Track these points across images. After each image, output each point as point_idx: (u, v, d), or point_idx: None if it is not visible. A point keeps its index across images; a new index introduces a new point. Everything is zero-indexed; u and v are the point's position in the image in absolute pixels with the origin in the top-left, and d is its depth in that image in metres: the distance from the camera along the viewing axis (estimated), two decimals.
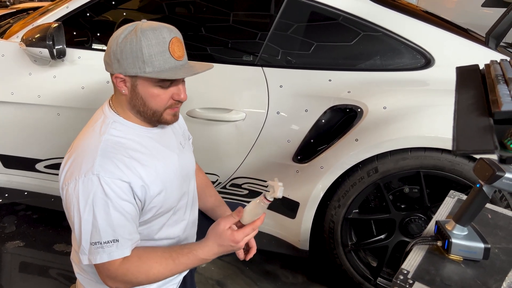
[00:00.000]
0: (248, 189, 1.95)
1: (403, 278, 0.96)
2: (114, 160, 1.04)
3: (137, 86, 1.08)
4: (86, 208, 1.01)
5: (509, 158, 0.57)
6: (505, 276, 0.98)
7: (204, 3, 2.08)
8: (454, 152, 0.61)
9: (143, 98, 1.09)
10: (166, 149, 1.18)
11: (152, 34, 1.03)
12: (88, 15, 1.97)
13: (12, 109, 1.95)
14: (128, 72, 1.05)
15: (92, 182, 1.01)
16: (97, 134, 1.09)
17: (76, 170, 1.03)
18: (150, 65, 1.03)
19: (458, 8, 4.75)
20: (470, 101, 0.72)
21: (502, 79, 0.78)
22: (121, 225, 1.03)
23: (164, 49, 1.04)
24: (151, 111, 1.11)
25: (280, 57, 1.83)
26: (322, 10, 1.80)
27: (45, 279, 1.93)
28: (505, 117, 0.62)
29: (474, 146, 0.59)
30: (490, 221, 1.23)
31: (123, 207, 1.03)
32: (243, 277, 1.99)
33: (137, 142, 1.12)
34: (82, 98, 1.88)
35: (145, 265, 1.07)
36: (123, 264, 1.05)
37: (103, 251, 1.02)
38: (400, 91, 1.70)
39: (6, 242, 2.14)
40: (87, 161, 1.03)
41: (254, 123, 1.79)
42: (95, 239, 1.02)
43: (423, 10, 2.24)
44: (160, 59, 1.04)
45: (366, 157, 1.65)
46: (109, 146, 1.06)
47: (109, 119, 1.12)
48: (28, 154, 2.06)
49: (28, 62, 1.91)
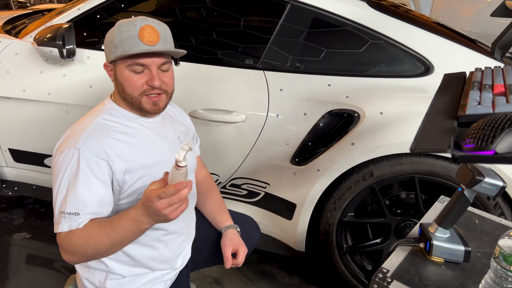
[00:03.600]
0: (247, 189, 1.99)
1: (382, 276, 0.99)
2: (99, 138, 1.11)
3: (116, 72, 1.18)
4: (63, 178, 1.07)
5: (461, 157, 0.60)
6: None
7: (213, 7, 2.14)
8: (411, 150, 0.65)
9: (121, 83, 1.17)
10: (158, 138, 1.24)
11: (125, 23, 1.14)
12: (98, 17, 2.04)
13: (23, 105, 2.03)
14: (108, 59, 1.18)
15: (72, 154, 1.08)
16: (92, 117, 1.18)
17: (63, 145, 1.12)
18: (121, 49, 1.13)
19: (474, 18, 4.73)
20: (443, 106, 0.75)
21: (478, 85, 0.81)
22: (86, 201, 1.07)
23: (134, 34, 1.12)
24: (129, 96, 1.18)
25: (281, 61, 1.88)
26: (324, 16, 1.85)
27: (49, 270, 1.99)
28: (468, 120, 0.65)
29: (429, 145, 0.62)
30: (477, 226, 1.25)
31: (93, 184, 1.08)
32: (240, 276, 2.02)
33: (128, 127, 1.19)
34: (90, 96, 1.95)
35: (85, 233, 1.06)
36: (67, 235, 1.07)
37: (64, 221, 1.06)
38: (398, 97, 1.72)
39: (14, 233, 2.22)
40: (75, 137, 1.11)
41: (254, 125, 1.84)
42: (62, 209, 1.07)
43: (434, 21, 2.26)
44: (129, 43, 1.12)
45: (361, 161, 1.67)
46: (98, 127, 1.15)
47: (106, 106, 1.22)
48: (37, 149, 2.14)
49: (39, 61, 1.99)
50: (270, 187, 1.94)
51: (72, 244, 1.07)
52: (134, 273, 1.25)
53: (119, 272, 1.23)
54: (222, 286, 1.96)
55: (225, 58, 1.99)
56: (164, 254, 1.28)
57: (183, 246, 1.37)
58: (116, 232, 1.04)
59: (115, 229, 1.04)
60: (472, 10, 4.84)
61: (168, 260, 1.31)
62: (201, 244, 1.45)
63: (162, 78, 1.18)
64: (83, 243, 1.06)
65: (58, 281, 1.92)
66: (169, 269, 1.32)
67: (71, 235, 1.07)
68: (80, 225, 1.07)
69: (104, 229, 1.05)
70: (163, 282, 1.30)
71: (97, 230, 1.06)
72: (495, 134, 0.56)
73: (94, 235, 1.05)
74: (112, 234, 1.04)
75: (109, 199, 1.13)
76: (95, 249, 1.07)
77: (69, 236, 1.07)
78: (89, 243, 1.06)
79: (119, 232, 1.04)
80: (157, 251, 1.26)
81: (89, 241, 1.05)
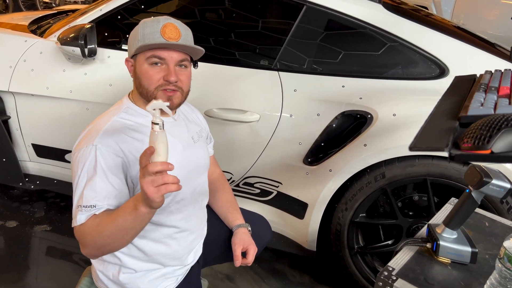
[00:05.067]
0: (260, 188, 2.02)
1: (387, 274, 1.00)
2: (115, 136, 1.15)
3: (136, 66, 1.22)
4: (81, 174, 1.12)
5: (458, 155, 0.61)
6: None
7: (232, 9, 2.18)
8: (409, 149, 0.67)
9: (139, 77, 1.21)
10: (172, 137, 1.26)
11: (150, 20, 1.19)
12: (119, 17, 2.11)
13: (46, 102, 2.11)
14: (130, 53, 1.22)
15: (90, 151, 1.12)
16: (110, 115, 1.22)
17: (82, 142, 1.16)
18: (142, 42, 1.17)
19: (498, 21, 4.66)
20: (448, 107, 0.76)
21: (484, 87, 0.82)
22: (103, 194, 1.11)
23: (156, 30, 1.17)
24: (145, 90, 1.21)
25: (296, 62, 1.90)
26: (339, 18, 1.86)
27: (66, 262, 2.06)
28: (470, 121, 0.66)
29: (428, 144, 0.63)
30: (487, 229, 1.25)
31: (109, 178, 1.12)
32: (251, 273, 2.05)
33: (144, 126, 1.22)
34: (110, 94, 2.01)
35: (95, 222, 1.09)
36: (81, 226, 1.11)
37: (81, 214, 1.10)
38: (411, 100, 1.73)
39: (35, 225, 2.30)
40: (92, 135, 1.15)
41: (267, 125, 1.87)
42: (80, 202, 1.11)
43: (453, 25, 2.25)
44: (150, 38, 1.17)
45: (373, 162, 1.68)
46: (115, 125, 1.18)
47: (124, 105, 1.26)
48: (59, 144, 2.21)
49: (62, 60, 2.06)
50: (283, 186, 1.96)
51: (85, 233, 1.10)
52: (146, 268, 1.29)
53: (131, 266, 1.27)
54: (233, 283, 1.99)
55: (241, 59, 2.02)
56: (176, 251, 1.31)
57: (195, 243, 1.40)
58: (120, 216, 1.05)
59: (119, 213, 1.06)
60: (496, 13, 4.77)
61: (179, 257, 1.34)
62: (213, 241, 1.48)
63: (179, 75, 1.21)
64: (94, 232, 1.08)
65: (75, 272, 1.99)
66: (180, 265, 1.35)
67: (84, 226, 1.10)
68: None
69: (111, 215, 1.07)
70: (174, 277, 1.33)
71: (106, 217, 1.08)
72: (492, 133, 0.57)
73: (102, 223, 1.07)
74: (117, 219, 1.05)
75: (125, 194, 1.16)
76: (102, 237, 1.08)
77: (82, 227, 1.10)
78: (98, 231, 1.07)
79: (122, 216, 1.05)
80: (169, 248, 1.30)
81: (98, 229, 1.07)
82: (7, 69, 2.11)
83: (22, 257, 2.07)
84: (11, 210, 2.41)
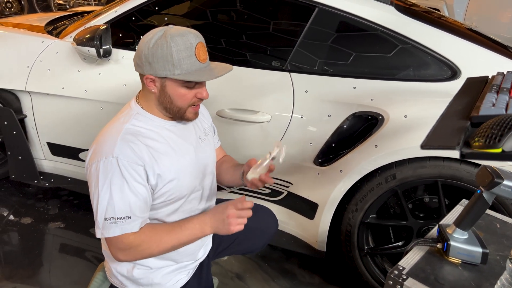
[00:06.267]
0: (271, 188, 2.03)
1: (398, 273, 1.01)
2: (132, 145, 1.16)
3: (165, 86, 1.20)
4: (104, 186, 1.13)
5: (468, 154, 0.62)
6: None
7: (243, 11, 2.20)
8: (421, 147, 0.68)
9: (171, 97, 1.21)
10: (183, 141, 1.30)
11: (181, 40, 1.15)
12: (133, 19, 2.14)
13: (61, 102, 2.16)
14: (159, 73, 1.17)
15: (111, 163, 1.13)
16: (121, 123, 1.22)
17: (99, 152, 1.17)
18: (179, 68, 1.16)
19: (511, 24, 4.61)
20: (460, 107, 0.77)
21: (496, 88, 0.83)
22: (133, 203, 1.15)
23: (191, 53, 1.17)
24: (176, 108, 1.23)
25: (307, 64, 1.92)
26: (351, 20, 1.87)
27: (79, 259, 2.10)
28: (481, 121, 0.67)
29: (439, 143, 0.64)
30: (498, 230, 1.25)
31: (137, 188, 1.15)
32: (261, 273, 2.07)
33: (155, 132, 1.24)
34: (123, 94, 2.05)
35: (157, 235, 1.18)
36: (138, 236, 1.16)
37: (115, 226, 1.14)
38: (423, 101, 1.73)
39: (49, 222, 2.35)
40: (109, 145, 1.16)
41: (278, 125, 1.88)
42: (109, 215, 1.14)
43: (466, 27, 2.24)
44: (187, 63, 1.16)
45: (384, 163, 1.69)
46: (129, 133, 1.19)
47: (133, 111, 1.25)
48: (73, 143, 2.26)
49: (78, 60, 2.10)
50: (293, 186, 1.98)
51: (134, 244, 1.17)
52: (160, 265, 1.32)
53: (147, 264, 1.31)
54: (243, 281, 2.01)
55: (253, 60, 2.04)
56: (189, 248, 1.34)
57: (206, 238, 1.45)
58: (185, 235, 1.21)
59: (184, 232, 1.21)
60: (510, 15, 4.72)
61: (192, 253, 1.38)
62: (219, 237, 1.51)
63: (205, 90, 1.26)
64: (154, 245, 1.18)
65: (88, 268, 2.03)
66: (192, 260, 1.39)
67: (142, 241, 1.17)
68: (134, 228, 1.16)
69: (175, 234, 1.20)
70: (186, 271, 1.36)
71: (166, 234, 1.20)
72: (503, 132, 0.58)
73: (164, 240, 1.19)
74: (181, 238, 1.21)
75: (150, 202, 1.22)
76: (160, 250, 1.20)
77: (123, 238, 1.15)
78: (159, 245, 1.19)
79: (188, 234, 1.21)
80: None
81: (159, 245, 1.19)
82: (24, 69, 2.16)
83: (36, 253, 2.11)
84: (26, 207, 2.46)
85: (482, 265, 1.07)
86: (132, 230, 1.16)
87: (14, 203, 2.50)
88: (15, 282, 1.91)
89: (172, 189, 1.25)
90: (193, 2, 2.32)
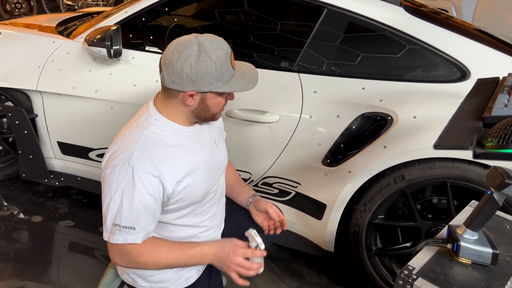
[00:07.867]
0: (279, 188, 2.04)
1: (408, 273, 1.02)
2: (150, 155, 1.16)
3: (206, 98, 1.21)
4: (116, 192, 1.14)
5: (482, 154, 0.63)
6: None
7: (252, 11, 2.21)
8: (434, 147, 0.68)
9: (209, 107, 1.23)
10: (200, 146, 1.30)
11: (220, 53, 1.16)
12: (144, 19, 2.16)
13: (72, 101, 2.18)
14: (202, 89, 1.17)
15: (126, 171, 1.13)
16: (140, 129, 1.21)
17: (116, 157, 1.16)
18: (221, 80, 1.18)
19: None
20: (471, 108, 0.78)
21: (508, 89, 0.84)
22: (141, 215, 1.15)
23: (228, 64, 1.19)
24: (211, 114, 1.26)
25: (316, 64, 1.92)
26: (360, 21, 1.88)
27: (88, 257, 2.12)
28: (493, 121, 0.68)
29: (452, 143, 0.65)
30: (508, 232, 1.25)
31: (147, 200, 1.15)
32: (269, 272, 2.08)
33: (173, 139, 1.23)
34: (133, 94, 2.06)
35: (157, 251, 1.20)
36: (138, 247, 1.17)
37: (119, 233, 1.15)
38: (432, 102, 1.73)
39: (59, 221, 2.37)
40: (127, 152, 1.16)
41: (287, 126, 1.89)
42: (117, 221, 1.15)
43: (475, 28, 2.24)
44: (227, 73, 1.19)
45: (393, 164, 1.69)
46: (147, 141, 1.18)
47: (152, 117, 1.24)
48: (83, 143, 2.28)
49: (88, 60, 2.13)
50: (301, 187, 1.98)
51: (133, 254, 1.19)
52: None
53: None
54: (251, 281, 2.01)
55: (262, 61, 2.05)
56: None
57: (216, 237, 1.46)
58: (183, 260, 1.23)
59: (183, 258, 1.23)
60: None
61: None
62: (228, 233, 1.53)
63: None
64: (152, 260, 1.20)
65: (97, 266, 2.05)
66: None
67: (141, 252, 1.19)
68: (137, 240, 1.17)
69: (174, 254, 1.22)
70: (195, 268, 1.38)
71: (166, 253, 1.21)
72: None
73: (162, 257, 1.21)
74: (179, 261, 1.23)
75: (158, 214, 1.22)
76: (156, 266, 1.22)
77: (124, 247, 1.17)
78: (156, 261, 1.21)
79: (185, 260, 1.23)
80: None
81: (157, 261, 1.21)
82: (35, 69, 2.19)
83: (46, 251, 2.13)
84: (36, 206, 2.49)
85: (492, 265, 1.07)
86: (134, 242, 1.17)
87: (25, 202, 2.52)
88: (26, 280, 1.94)
89: (187, 195, 1.25)
90: (202, 3, 2.33)
